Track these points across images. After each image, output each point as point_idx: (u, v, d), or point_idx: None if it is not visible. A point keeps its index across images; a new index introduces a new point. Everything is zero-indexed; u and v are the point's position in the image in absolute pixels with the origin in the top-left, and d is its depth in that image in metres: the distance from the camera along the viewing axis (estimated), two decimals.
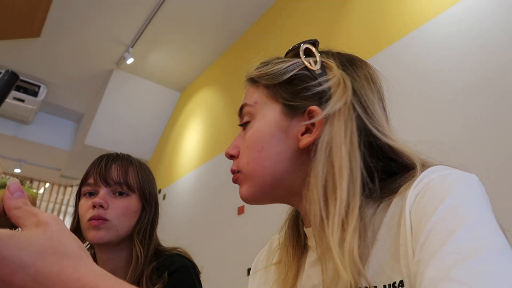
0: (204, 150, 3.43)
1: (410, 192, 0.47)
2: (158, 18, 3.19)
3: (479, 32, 1.51)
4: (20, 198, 0.37)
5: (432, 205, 0.44)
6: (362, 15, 2.12)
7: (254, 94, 0.62)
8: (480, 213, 0.42)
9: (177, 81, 4.09)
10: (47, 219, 0.34)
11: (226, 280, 2.42)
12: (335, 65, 0.57)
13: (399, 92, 1.73)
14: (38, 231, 0.33)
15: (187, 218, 3.25)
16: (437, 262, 0.39)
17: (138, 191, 0.99)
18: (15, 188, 0.37)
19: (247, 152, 0.59)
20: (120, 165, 0.98)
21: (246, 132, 0.61)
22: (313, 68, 0.57)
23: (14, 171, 5.30)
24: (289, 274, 0.59)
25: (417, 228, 0.44)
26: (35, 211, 0.36)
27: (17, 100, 3.89)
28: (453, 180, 0.46)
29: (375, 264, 0.48)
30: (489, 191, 0.47)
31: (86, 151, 4.09)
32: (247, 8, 3.11)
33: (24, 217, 0.35)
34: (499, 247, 0.39)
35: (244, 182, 0.60)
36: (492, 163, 1.33)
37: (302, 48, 0.59)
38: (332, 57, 0.60)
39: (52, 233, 0.33)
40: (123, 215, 0.94)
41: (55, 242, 0.33)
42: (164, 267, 0.92)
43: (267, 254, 0.71)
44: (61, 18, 3.23)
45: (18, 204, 0.36)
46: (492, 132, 1.37)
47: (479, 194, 0.45)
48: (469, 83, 1.50)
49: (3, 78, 0.62)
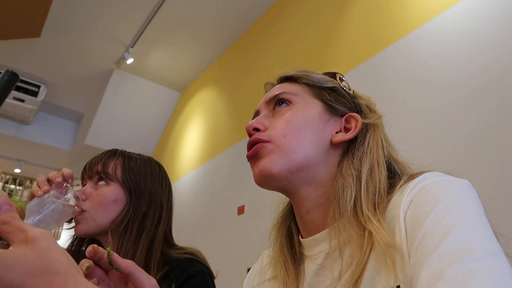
0: (204, 150, 3.43)
1: (404, 198, 0.49)
2: (158, 18, 3.20)
3: (479, 31, 1.51)
4: (8, 212, 0.36)
5: (426, 210, 0.45)
6: (362, 15, 2.12)
7: (291, 87, 0.65)
8: (473, 216, 0.44)
9: (177, 81, 4.09)
10: (36, 235, 0.33)
11: (226, 280, 2.42)
12: (366, 96, 0.69)
13: (399, 92, 1.73)
14: (27, 248, 0.32)
15: (187, 218, 3.25)
16: (431, 263, 0.40)
17: (119, 179, 0.94)
18: (3, 202, 0.36)
19: (285, 126, 0.60)
20: (103, 157, 0.98)
21: (284, 112, 0.62)
22: (348, 90, 0.67)
23: (14, 171, 5.31)
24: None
25: (412, 233, 0.45)
26: (23, 226, 0.35)
27: (17, 100, 3.89)
28: (446, 186, 0.48)
29: (373, 268, 0.50)
30: (490, 196, 0.48)
31: (86, 151, 4.10)
32: (247, 8, 3.11)
33: (13, 232, 0.34)
34: (491, 249, 0.40)
35: (272, 153, 0.58)
36: (493, 168, 1.33)
37: (338, 75, 0.68)
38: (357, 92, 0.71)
39: (41, 251, 0.32)
40: (99, 204, 0.91)
41: (44, 260, 0.32)
42: (179, 270, 0.88)
43: (259, 271, 0.70)
44: (61, 18, 3.23)
45: (6, 219, 0.35)
46: (493, 135, 1.37)
47: (472, 198, 0.47)
48: (469, 83, 1.50)
49: (3, 78, 0.62)
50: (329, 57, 2.26)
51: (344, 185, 0.56)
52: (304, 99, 0.64)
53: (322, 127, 0.61)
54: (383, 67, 1.88)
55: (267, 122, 0.62)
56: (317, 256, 0.58)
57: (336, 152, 0.61)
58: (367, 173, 0.56)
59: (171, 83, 4.12)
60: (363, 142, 0.60)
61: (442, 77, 1.60)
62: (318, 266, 0.57)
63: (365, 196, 0.54)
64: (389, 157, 0.61)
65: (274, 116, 0.63)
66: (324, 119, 0.62)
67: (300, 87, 0.65)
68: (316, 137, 0.60)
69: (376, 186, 0.55)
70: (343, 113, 0.64)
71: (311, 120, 0.61)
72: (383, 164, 0.58)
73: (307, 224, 0.60)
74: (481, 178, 1.32)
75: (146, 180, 0.98)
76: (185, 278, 0.87)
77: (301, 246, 0.62)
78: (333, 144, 0.61)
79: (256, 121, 0.62)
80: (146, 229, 0.93)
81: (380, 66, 1.90)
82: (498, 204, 1.24)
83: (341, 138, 0.61)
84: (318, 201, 0.59)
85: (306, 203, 0.60)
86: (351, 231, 0.52)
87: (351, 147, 0.61)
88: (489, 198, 1.36)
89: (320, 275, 0.57)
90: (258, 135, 0.60)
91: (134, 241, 0.90)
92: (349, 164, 0.58)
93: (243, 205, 2.57)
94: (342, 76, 0.69)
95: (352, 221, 0.53)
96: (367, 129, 0.62)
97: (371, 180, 0.56)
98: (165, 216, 1.00)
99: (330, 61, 2.24)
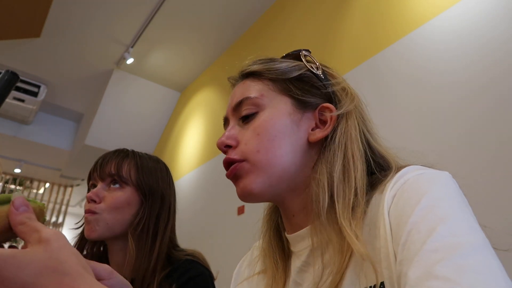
0: (204, 150, 3.43)
1: (387, 193, 0.48)
2: (158, 18, 3.19)
3: (479, 31, 1.51)
4: (25, 213, 0.37)
5: (410, 205, 0.45)
6: (362, 15, 2.12)
7: (256, 86, 0.60)
8: (457, 209, 0.43)
9: (177, 81, 4.09)
10: (49, 236, 0.35)
11: (225, 280, 2.42)
12: (337, 74, 0.63)
13: (399, 91, 1.73)
14: (39, 249, 0.34)
15: (187, 218, 3.25)
16: (420, 261, 0.39)
17: (134, 182, 0.93)
18: (20, 203, 0.38)
19: (257, 140, 0.56)
20: (115, 158, 0.96)
21: (253, 122, 0.58)
22: (317, 72, 0.61)
23: (14, 171, 5.31)
24: (278, 283, 0.58)
25: (397, 229, 0.45)
26: (38, 226, 0.36)
27: (17, 100, 3.89)
28: (429, 179, 0.47)
29: (354, 271, 0.49)
30: (492, 197, 0.48)
31: (86, 151, 4.10)
32: (247, 8, 3.11)
33: (28, 232, 0.36)
34: (478, 241, 0.40)
35: (250, 173, 0.56)
36: (492, 168, 1.33)
37: (303, 54, 0.63)
38: (327, 68, 0.65)
39: (52, 251, 0.33)
40: (113, 207, 0.90)
41: (55, 260, 0.33)
42: (180, 271, 0.87)
43: (249, 263, 0.70)
44: (61, 18, 3.23)
45: (23, 219, 0.37)
46: (493, 136, 1.37)
47: (454, 190, 0.46)
48: (469, 83, 1.50)
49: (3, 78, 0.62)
50: (329, 57, 2.26)
51: (318, 188, 0.53)
52: (271, 98, 0.59)
53: (295, 129, 0.57)
54: (383, 66, 1.88)
55: (239, 134, 0.59)
56: (301, 252, 0.57)
57: (314, 151, 0.58)
58: (339, 174, 0.53)
59: (171, 83, 4.12)
60: (334, 137, 0.56)
61: (442, 76, 1.59)
62: (302, 262, 0.56)
63: (340, 201, 0.51)
64: (369, 149, 0.57)
65: (244, 126, 0.59)
66: (296, 119, 0.58)
67: (264, 84, 0.60)
68: (292, 142, 0.56)
69: (352, 186, 0.52)
70: (316, 105, 0.59)
71: (283, 126, 0.57)
72: (359, 159, 0.54)
73: (292, 226, 0.59)
74: (481, 178, 1.32)
75: (158, 182, 0.97)
76: (186, 280, 0.87)
77: (288, 242, 0.61)
78: (311, 143, 0.58)
79: (227, 136, 0.59)
80: (160, 231, 0.93)
81: (380, 65, 1.89)
82: (500, 205, 1.24)
83: (318, 136, 0.57)
84: (302, 204, 0.57)
85: (291, 208, 0.59)
86: (330, 234, 0.51)
87: (325, 144, 0.57)
88: (490, 198, 1.36)
89: (304, 271, 0.56)
90: (232, 155, 0.57)
91: (150, 245, 0.90)
92: (322, 165, 0.55)
93: (243, 205, 2.57)
94: (307, 53, 0.63)
95: (330, 225, 0.51)
96: (340, 119, 0.58)
97: (347, 180, 0.53)
98: (172, 217, 1.00)
99: (330, 61, 2.23)
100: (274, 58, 0.64)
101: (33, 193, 6.08)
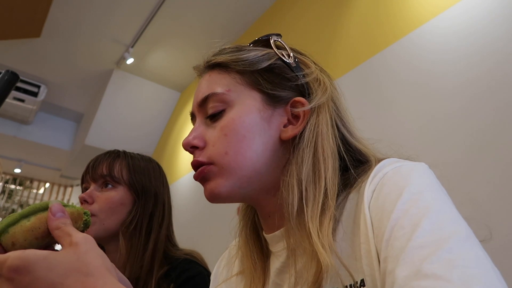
0: None
1: (366, 188, 0.47)
2: (158, 18, 3.19)
3: (479, 31, 1.51)
4: (61, 218, 0.41)
5: (391, 200, 0.44)
6: (360, 17, 2.12)
7: (223, 80, 0.55)
8: (438, 200, 0.43)
9: (177, 81, 4.09)
10: (78, 239, 0.38)
11: None
12: (310, 62, 0.59)
13: (397, 93, 1.73)
14: (69, 251, 0.37)
15: (187, 218, 3.25)
16: (407, 258, 0.38)
17: (126, 182, 0.94)
18: (56, 209, 0.42)
19: (225, 142, 0.52)
20: (107, 159, 0.97)
21: (220, 121, 0.54)
22: (288, 61, 0.57)
23: (14, 171, 5.31)
24: (257, 285, 0.56)
25: (379, 224, 0.43)
26: (71, 231, 0.40)
27: (17, 100, 3.89)
28: (407, 172, 0.46)
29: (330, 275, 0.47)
30: (493, 198, 0.47)
31: (86, 151, 4.10)
32: (247, 8, 3.11)
33: (62, 236, 0.40)
34: (463, 232, 0.39)
35: (218, 176, 0.53)
36: (495, 172, 1.33)
37: (272, 39, 0.59)
38: (300, 54, 0.60)
39: (80, 254, 0.37)
40: (107, 208, 0.91)
41: (81, 263, 0.37)
42: (179, 270, 0.88)
43: (226, 263, 0.67)
44: (61, 18, 3.23)
45: (59, 224, 0.40)
46: (493, 138, 1.37)
47: (433, 181, 0.46)
48: (469, 82, 1.50)
49: (3, 78, 0.62)
50: (326, 58, 2.26)
51: (287, 191, 0.50)
52: (239, 93, 0.54)
53: (266, 126, 0.53)
54: (381, 68, 1.88)
55: (206, 134, 0.55)
56: (280, 253, 0.55)
57: (287, 149, 0.54)
58: (309, 175, 0.50)
59: (171, 83, 4.12)
60: (304, 134, 0.52)
61: (442, 79, 1.59)
62: (281, 263, 0.54)
63: (309, 205, 0.48)
64: (343, 145, 0.54)
65: (211, 125, 0.55)
66: (266, 116, 0.54)
67: (230, 78, 0.55)
68: (262, 142, 0.53)
69: (322, 187, 0.49)
70: (288, 99, 0.55)
71: (252, 125, 0.53)
72: (330, 157, 0.51)
73: (269, 226, 0.57)
74: (482, 180, 1.32)
75: (151, 181, 0.99)
76: (184, 279, 0.87)
77: (267, 241, 0.58)
78: (284, 141, 0.54)
79: (193, 136, 0.55)
80: (153, 230, 0.94)
81: (378, 67, 1.90)
82: (501, 207, 1.24)
83: (290, 134, 0.53)
84: (277, 205, 0.53)
85: (266, 209, 0.56)
86: (302, 237, 0.48)
87: (295, 142, 0.53)
88: (492, 200, 1.35)
89: (284, 272, 0.54)
90: (199, 157, 0.54)
91: (144, 243, 0.91)
92: (292, 165, 0.52)
93: None
94: (277, 38, 0.59)
95: (300, 230, 0.49)
96: (311, 114, 0.54)
97: (317, 181, 0.50)
98: (167, 215, 1.01)
99: (327, 63, 2.24)
100: (242, 46, 0.59)
101: (33, 193, 6.08)
